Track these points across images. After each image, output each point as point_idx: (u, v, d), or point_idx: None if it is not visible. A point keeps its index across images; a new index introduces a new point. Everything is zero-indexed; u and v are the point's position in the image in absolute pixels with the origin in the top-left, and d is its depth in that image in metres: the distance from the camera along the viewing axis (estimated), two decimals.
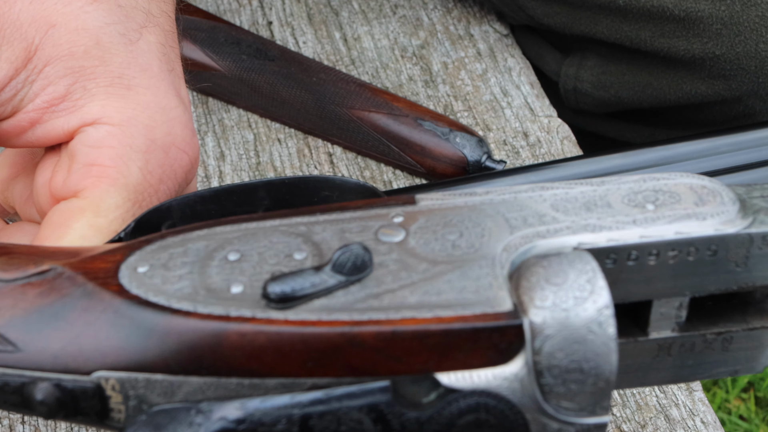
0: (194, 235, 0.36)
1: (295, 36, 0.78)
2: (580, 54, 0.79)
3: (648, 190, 0.38)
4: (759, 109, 0.73)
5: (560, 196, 0.37)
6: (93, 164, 0.41)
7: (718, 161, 0.64)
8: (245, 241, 0.36)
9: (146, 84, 0.43)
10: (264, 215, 0.37)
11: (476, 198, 0.37)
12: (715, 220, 0.37)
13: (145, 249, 0.36)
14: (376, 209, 0.37)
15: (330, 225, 0.36)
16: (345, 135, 0.69)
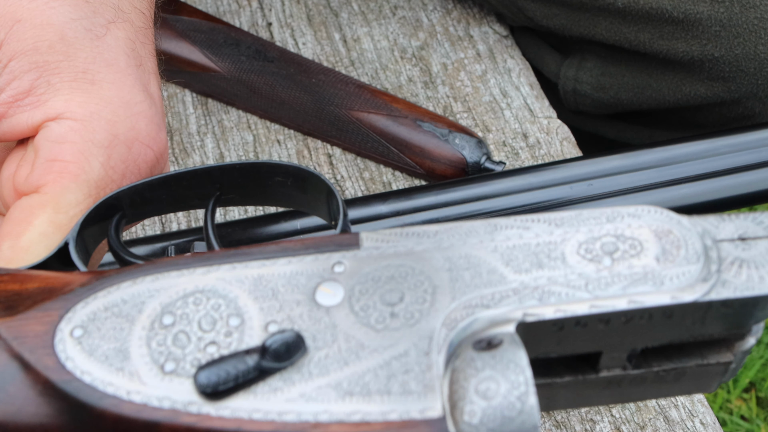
0: (128, 290, 0.35)
1: (294, 37, 0.78)
2: (580, 55, 0.79)
3: (608, 235, 0.35)
4: (758, 110, 0.73)
5: (512, 242, 0.35)
6: (55, 159, 0.41)
7: (718, 162, 0.64)
8: (181, 299, 0.34)
9: (111, 79, 0.43)
10: (203, 258, 0.35)
11: (423, 243, 0.35)
12: (674, 284, 0.34)
13: (79, 307, 0.34)
14: (317, 253, 0.35)
15: (269, 278, 0.34)
16: (344, 136, 0.69)
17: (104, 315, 0.34)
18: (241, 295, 0.34)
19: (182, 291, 0.34)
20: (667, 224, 0.35)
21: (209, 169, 0.41)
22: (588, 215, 0.36)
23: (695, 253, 0.35)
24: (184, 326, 0.34)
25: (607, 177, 0.63)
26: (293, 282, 0.34)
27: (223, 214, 0.67)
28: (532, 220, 0.36)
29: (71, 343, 0.34)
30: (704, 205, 0.63)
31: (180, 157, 0.70)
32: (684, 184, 0.63)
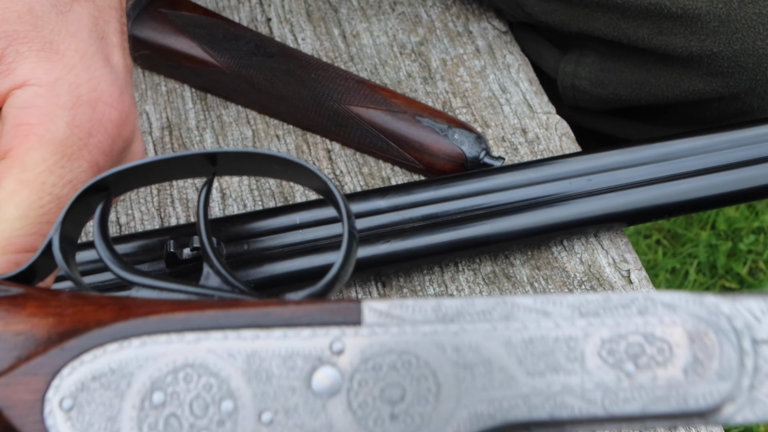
0: (115, 357, 0.33)
1: (293, 33, 0.78)
2: (578, 51, 0.79)
3: (636, 332, 0.31)
4: (757, 106, 0.73)
5: (529, 333, 0.31)
6: (20, 124, 0.43)
7: (716, 158, 0.64)
8: (170, 371, 0.32)
9: (74, 48, 0.46)
10: (191, 319, 0.33)
11: (430, 324, 0.32)
12: (698, 405, 0.30)
13: (66, 373, 0.33)
14: (315, 326, 0.32)
15: (262, 358, 0.32)
16: (343, 131, 0.69)
17: (93, 386, 0.33)
18: (234, 374, 0.32)
19: (172, 363, 0.32)
20: (705, 323, 0.31)
21: (209, 153, 0.40)
22: (617, 302, 0.32)
23: (729, 366, 0.31)
24: (175, 408, 0.32)
25: (606, 172, 0.63)
26: (289, 363, 0.32)
27: (222, 209, 0.67)
28: (554, 303, 0.32)
29: (61, 417, 0.33)
30: (703, 201, 0.63)
31: (179, 151, 0.70)
32: (683, 179, 0.63)
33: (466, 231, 0.61)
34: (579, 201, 0.62)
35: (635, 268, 0.63)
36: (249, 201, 0.67)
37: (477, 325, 0.32)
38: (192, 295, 0.36)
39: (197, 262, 0.58)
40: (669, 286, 1.48)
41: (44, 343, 0.34)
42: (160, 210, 0.67)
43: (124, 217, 0.66)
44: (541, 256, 0.64)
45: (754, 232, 1.56)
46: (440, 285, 0.63)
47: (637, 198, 0.63)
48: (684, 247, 1.54)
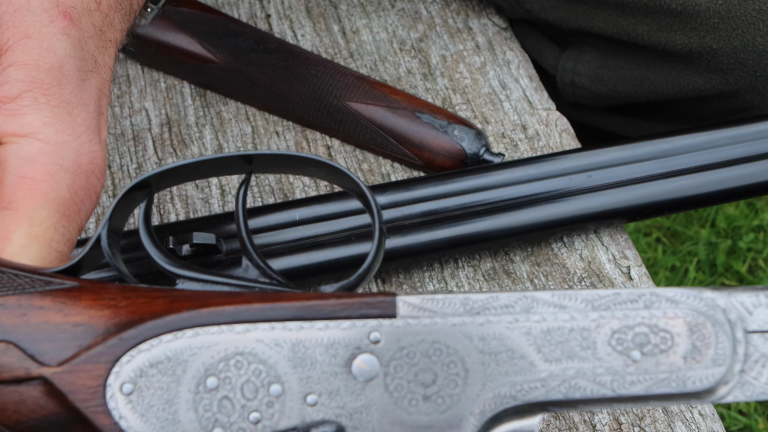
0: (170, 346, 0.36)
1: (293, 29, 0.78)
2: (578, 48, 0.79)
3: (642, 324, 0.35)
4: (757, 103, 0.73)
5: (547, 324, 0.35)
6: (26, 177, 0.45)
7: (716, 154, 0.64)
8: (222, 358, 0.35)
9: (83, 117, 0.48)
10: (240, 312, 0.36)
11: (459, 317, 0.35)
12: (695, 386, 0.35)
13: (125, 360, 0.36)
14: (353, 318, 0.35)
15: (307, 345, 0.35)
16: (343, 128, 0.69)
17: (150, 372, 0.36)
18: (281, 361, 0.35)
19: (223, 352, 0.35)
20: (703, 316, 0.35)
21: (249, 155, 0.42)
22: (626, 297, 0.36)
23: (723, 354, 0.35)
24: (228, 392, 0.35)
25: (606, 168, 0.63)
26: (331, 351, 0.35)
27: (222, 205, 0.67)
28: (569, 298, 0.36)
29: (122, 400, 0.36)
30: (703, 197, 0.63)
31: (178, 148, 0.70)
32: (683, 175, 0.63)
33: (466, 227, 0.61)
34: (579, 197, 0.62)
35: (635, 265, 0.63)
36: (249, 197, 0.67)
37: (501, 317, 0.35)
38: (234, 287, 0.38)
39: (196, 259, 0.58)
40: (669, 284, 1.48)
41: (102, 333, 0.36)
42: (159, 206, 0.67)
43: None
44: (541, 253, 0.64)
45: (754, 230, 1.56)
46: (440, 281, 0.63)
47: (637, 194, 0.63)
48: (684, 245, 1.54)
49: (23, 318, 0.37)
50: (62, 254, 0.45)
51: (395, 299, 0.35)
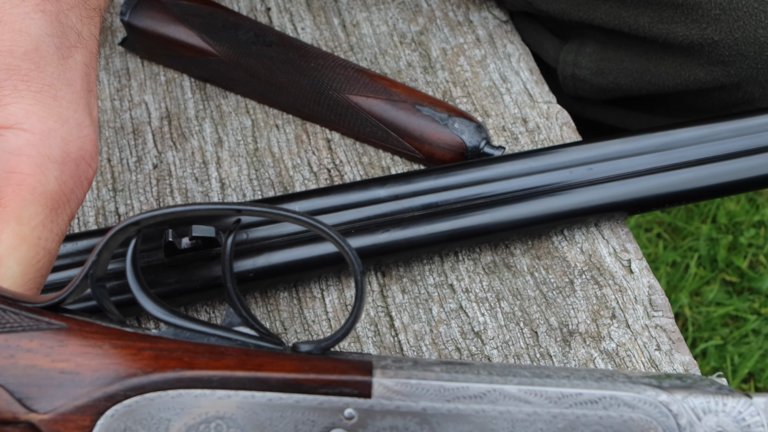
0: (154, 404, 0.36)
1: (293, 22, 0.78)
2: (579, 40, 0.78)
3: (598, 425, 0.37)
4: (758, 95, 0.72)
5: (512, 417, 0.37)
6: (13, 171, 0.43)
7: (717, 147, 0.64)
8: (203, 420, 0.36)
9: (69, 99, 0.45)
10: (222, 378, 0.37)
11: (433, 404, 0.37)
12: None
13: (109, 414, 0.37)
14: (328, 395, 0.37)
15: (283, 414, 0.36)
16: (343, 120, 0.69)
17: (134, 427, 0.36)
18: (258, 429, 0.36)
19: (204, 414, 0.36)
20: (656, 421, 0.38)
21: (230, 208, 0.42)
22: (588, 397, 0.38)
23: None
24: None
25: (607, 161, 0.63)
26: (307, 424, 0.36)
27: (222, 198, 0.66)
28: (535, 394, 0.37)
29: None
30: (705, 190, 0.63)
31: (178, 141, 0.70)
32: (684, 168, 0.63)
33: (467, 220, 0.61)
34: (580, 190, 0.62)
35: (636, 258, 0.63)
36: (248, 191, 0.67)
37: (469, 405, 0.37)
38: (218, 338, 0.39)
39: (195, 252, 0.58)
40: (669, 279, 1.48)
41: (88, 385, 0.37)
42: (159, 200, 0.66)
43: (123, 207, 0.66)
44: (541, 246, 0.64)
45: (755, 225, 1.56)
46: (440, 274, 0.62)
47: (638, 187, 0.62)
48: (685, 241, 1.54)
49: (11, 360, 0.37)
50: (50, 252, 0.43)
51: (371, 380, 0.37)
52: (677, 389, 0.38)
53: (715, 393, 0.38)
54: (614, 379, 0.38)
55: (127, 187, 0.67)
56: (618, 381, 0.38)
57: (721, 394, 0.38)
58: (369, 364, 0.38)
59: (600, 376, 0.39)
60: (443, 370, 0.38)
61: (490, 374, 0.38)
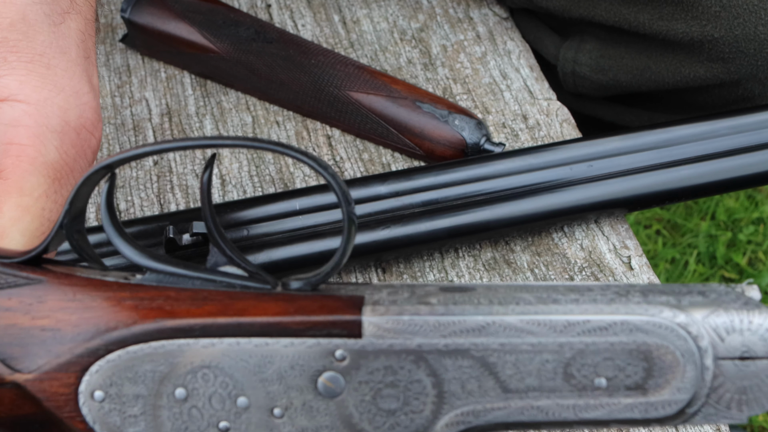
0: (139, 353, 0.35)
1: (293, 19, 0.78)
2: (579, 37, 0.78)
3: (608, 351, 0.35)
4: (758, 92, 0.72)
5: (514, 350, 0.35)
6: (11, 143, 0.42)
7: (717, 144, 0.64)
8: (189, 370, 0.35)
9: (64, 67, 0.44)
10: (205, 327, 0.35)
11: (425, 336, 0.35)
12: (657, 413, 0.35)
13: (94, 370, 0.36)
14: (318, 337, 0.35)
15: (271, 360, 0.35)
16: (343, 117, 0.69)
17: (120, 381, 0.36)
18: (246, 375, 0.35)
19: (190, 365, 0.35)
20: (672, 345, 0.35)
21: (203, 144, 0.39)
22: (596, 324, 0.35)
23: (689, 382, 0.35)
24: (196, 402, 0.36)
25: (607, 158, 0.63)
26: (296, 368, 0.35)
27: (222, 195, 0.67)
28: (538, 324, 0.35)
29: (95, 407, 0.36)
30: (705, 187, 0.63)
31: (179, 138, 0.70)
32: (683, 165, 0.63)
33: (467, 217, 0.61)
34: (580, 187, 0.62)
35: (636, 255, 0.63)
36: (249, 187, 0.67)
37: (468, 339, 0.35)
38: (200, 280, 0.37)
39: (196, 248, 0.58)
40: (669, 276, 1.48)
41: (70, 341, 0.36)
42: (159, 196, 0.66)
43: (124, 203, 0.66)
44: (541, 243, 0.64)
45: (754, 222, 1.56)
46: (440, 271, 0.62)
47: (637, 184, 0.62)
48: (684, 238, 1.54)
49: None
50: (54, 222, 0.42)
51: (361, 319, 0.35)
52: (698, 307, 0.35)
53: (741, 308, 0.35)
54: (628, 300, 0.35)
55: (127, 183, 0.67)
56: (632, 302, 0.35)
57: (747, 309, 0.34)
58: (360, 300, 0.35)
59: (613, 297, 0.35)
60: (440, 302, 0.35)
61: (490, 303, 0.35)
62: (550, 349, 0.34)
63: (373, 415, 0.35)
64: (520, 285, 0.37)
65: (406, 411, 0.35)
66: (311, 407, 0.35)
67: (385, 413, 0.35)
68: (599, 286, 0.37)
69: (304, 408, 0.35)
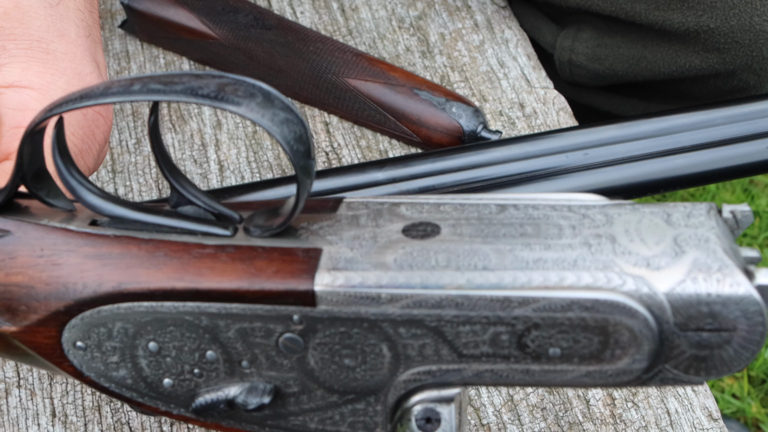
0: (108, 313, 0.36)
1: (292, 6, 0.78)
2: (576, 26, 0.79)
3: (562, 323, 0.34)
4: (753, 83, 0.73)
5: (460, 313, 0.34)
6: (19, 126, 0.42)
7: (712, 133, 0.64)
8: (157, 328, 0.36)
9: (63, 50, 0.44)
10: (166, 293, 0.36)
11: (374, 307, 0.34)
12: None
13: (72, 324, 0.37)
14: (273, 304, 0.35)
15: (233, 322, 0.36)
16: (341, 104, 0.69)
17: (96, 335, 0.37)
18: (211, 333, 0.36)
19: (157, 323, 0.36)
20: (630, 321, 0.33)
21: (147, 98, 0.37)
22: (554, 302, 0.33)
23: (646, 355, 0.34)
24: (169, 353, 0.37)
25: (603, 146, 0.64)
26: (256, 330, 0.36)
27: (220, 181, 0.67)
28: (491, 299, 0.34)
29: (80, 354, 0.38)
30: (699, 176, 0.63)
31: (177, 123, 0.70)
32: (679, 154, 0.63)
33: None
34: (575, 174, 0.63)
35: None
36: (247, 173, 0.67)
37: (421, 311, 0.34)
38: (161, 231, 0.37)
39: None
40: None
41: (44, 299, 0.37)
42: (158, 181, 0.67)
43: (122, 188, 0.66)
44: None
45: None
46: None
47: (633, 172, 0.63)
48: None
49: None
50: None
51: (314, 290, 0.34)
52: (670, 269, 0.33)
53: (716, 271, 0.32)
54: (596, 256, 0.33)
55: (126, 168, 0.68)
56: (599, 260, 0.33)
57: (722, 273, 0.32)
58: (316, 258, 0.35)
59: (581, 252, 0.33)
60: (396, 263, 0.34)
61: (447, 266, 0.34)
62: (504, 322, 0.34)
63: (334, 371, 0.36)
64: (490, 229, 0.35)
65: (364, 369, 0.36)
66: (275, 362, 0.36)
67: (345, 369, 0.36)
68: (571, 227, 0.35)
69: (268, 362, 0.36)
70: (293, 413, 0.38)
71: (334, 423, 0.38)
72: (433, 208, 0.37)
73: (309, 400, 0.37)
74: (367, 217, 0.37)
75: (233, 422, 0.39)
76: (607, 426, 0.55)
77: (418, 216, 0.36)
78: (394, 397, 0.36)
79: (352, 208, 0.37)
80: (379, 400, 0.37)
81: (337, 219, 0.37)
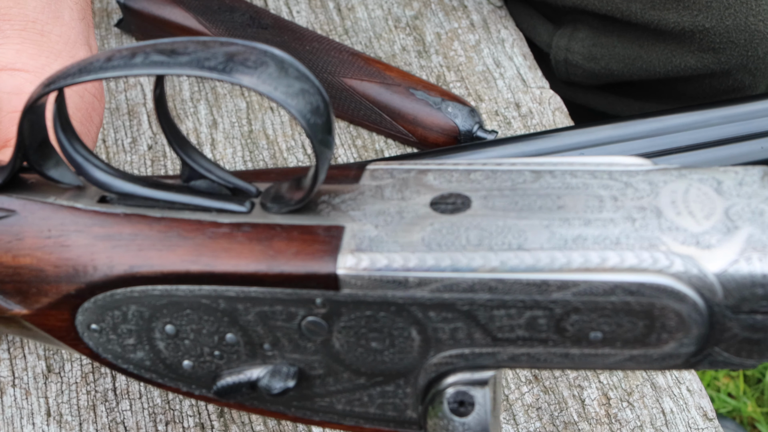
0: (122, 297, 0.35)
1: (288, 5, 0.78)
2: (572, 26, 0.79)
3: None
4: (748, 83, 0.73)
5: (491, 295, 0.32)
6: (15, 111, 0.42)
7: (708, 133, 0.64)
8: (174, 311, 0.35)
9: (58, 32, 0.44)
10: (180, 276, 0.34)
11: (402, 293, 0.32)
12: None
13: (85, 307, 0.36)
14: (296, 288, 0.33)
15: (252, 305, 0.34)
16: (337, 104, 0.69)
17: (111, 318, 0.36)
18: (230, 316, 0.34)
19: (173, 306, 0.35)
20: (678, 305, 0.31)
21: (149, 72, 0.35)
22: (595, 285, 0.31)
23: (694, 339, 0.31)
24: (187, 336, 0.35)
25: (599, 146, 0.64)
26: (278, 313, 0.34)
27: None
28: (527, 283, 0.32)
29: (95, 336, 0.36)
30: None
31: None
32: (674, 154, 0.64)
33: None
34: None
35: None
36: None
37: (452, 295, 0.32)
38: (172, 209, 0.35)
39: None
40: None
41: (54, 281, 0.35)
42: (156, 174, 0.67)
43: None
44: None
45: None
46: None
47: None
48: None
49: None
50: None
51: (336, 274, 0.32)
52: (722, 248, 0.30)
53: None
54: (640, 233, 0.31)
55: (121, 167, 0.68)
56: (645, 237, 0.30)
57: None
58: (339, 237, 0.32)
59: (624, 229, 0.31)
60: (424, 242, 0.32)
61: (479, 245, 0.31)
62: (541, 306, 0.31)
63: (360, 354, 0.34)
64: (524, 201, 0.32)
65: (392, 352, 0.34)
66: (298, 345, 0.34)
67: (372, 352, 0.34)
68: (612, 198, 0.32)
69: (291, 345, 0.34)
70: (319, 395, 0.36)
71: (362, 404, 0.36)
72: (463, 176, 0.34)
73: (335, 383, 0.35)
74: (393, 188, 0.34)
75: (258, 403, 0.37)
76: (603, 426, 0.55)
77: (447, 186, 0.34)
78: (425, 379, 0.34)
79: (376, 178, 0.35)
80: (409, 382, 0.35)
81: (360, 191, 0.34)
